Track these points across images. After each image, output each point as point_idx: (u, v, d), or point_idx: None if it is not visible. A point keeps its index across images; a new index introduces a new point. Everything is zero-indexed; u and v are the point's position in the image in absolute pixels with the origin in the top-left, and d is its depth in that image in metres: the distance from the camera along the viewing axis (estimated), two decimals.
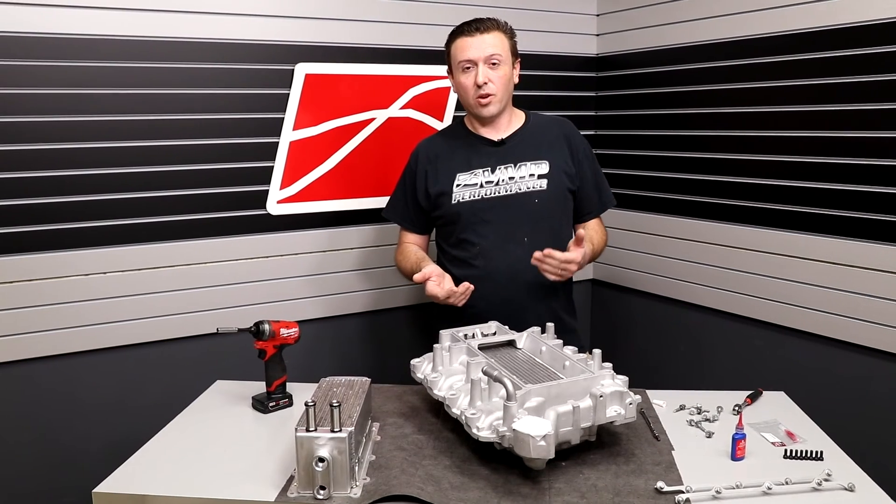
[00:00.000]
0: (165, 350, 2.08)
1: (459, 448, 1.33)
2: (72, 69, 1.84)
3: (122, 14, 1.87)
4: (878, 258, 1.86)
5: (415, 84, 2.32)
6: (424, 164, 1.86)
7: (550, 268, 1.65)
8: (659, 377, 2.52)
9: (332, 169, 2.24)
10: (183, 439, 1.43)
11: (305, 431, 1.15)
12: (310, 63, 2.14)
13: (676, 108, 2.39)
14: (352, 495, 1.17)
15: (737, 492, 1.17)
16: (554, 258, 1.62)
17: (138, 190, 1.97)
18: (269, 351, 1.56)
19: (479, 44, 1.72)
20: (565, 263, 1.64)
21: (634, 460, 1.29)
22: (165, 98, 1.96)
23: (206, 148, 2.04)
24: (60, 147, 1.86)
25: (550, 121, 1.90)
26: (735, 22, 2.15)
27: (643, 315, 2.64)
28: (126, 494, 1.21)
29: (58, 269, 1.90)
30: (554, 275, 1.66)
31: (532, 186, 1.79)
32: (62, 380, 1.97)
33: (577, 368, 1.34)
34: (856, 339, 1.94)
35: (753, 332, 2.22)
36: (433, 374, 1.42)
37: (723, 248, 2.27)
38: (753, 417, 1.47)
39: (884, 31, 1.79)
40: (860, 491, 1.19)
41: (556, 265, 1.64)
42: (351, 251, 2.32)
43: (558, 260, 1.63)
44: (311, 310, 2.26)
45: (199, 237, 2.07)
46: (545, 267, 1.65)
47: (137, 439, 1.41)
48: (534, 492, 1.18)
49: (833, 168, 1.94)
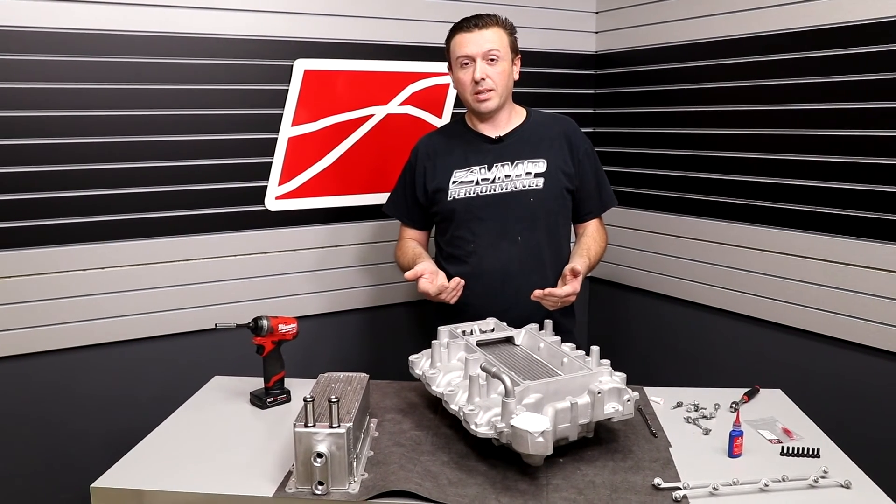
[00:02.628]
0: (164, 346, 2.08)
1: (457, 444, 1.33)
2: (69, 64, 1.83)
3: (121, 9, 1.87)
4: (874, 257, 1.87)
5: (413, 81, 2.32)
6: (423, 160, 1.86)
7: (551, 304, 1.67)
8: (657, 374, 2.53)
9: (331, 165, 2.24)
10: (181, 435, 1.43)
11: (304, 427, 1.15)
12: (309, 59, 2.14)
13: (675, 106, 2.39)
14: (350, 491, 1.17)
15: (734, 488, 1.17)
16: (554, 296, 1.64)
17: (136, 185, 1.97)
18: (267, 347, 1.56)
19: (478, 39, 1.72)
20: (566, 297, 1.66)
21: (632, 457, 1.29)
22: (164, 93, 1.96)
23: (205, 144, 2.03)
24: (58, 142, 1.85)
25: (551, 119, 1.90)
26: (734, 20, 2.15)
27: (641, 312, 2.64)
28: (124, 489, 1.21)
29: (55, 264, 1.90)
30: (556, 307, 1.69)
31: (528, 185, 1.79)
32: (60, 375, 1.97)
33: (576, 365, 1.35)
34: (853, 338, 1.95)
35: (751, 329, 2.23)
36: (431, 371, 1.42)
37: (720, 245, 2.28)
38: (750, 415, 1.47)
39: (884, 29, 1.79)
40: (856, 488, 1.19)
41: (556, 301, 1.66)
42: (349, 247, 2.32)
43: (558, 297, 1.64)
44: (309, 306, 2.26)
45: (198, 233, 2.07)
46: (545, 303, 1.67)
47: (136, 434, 1.41)
48: (531, 488, 1.18)
49: (833, 166, 1.94)
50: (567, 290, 1.65)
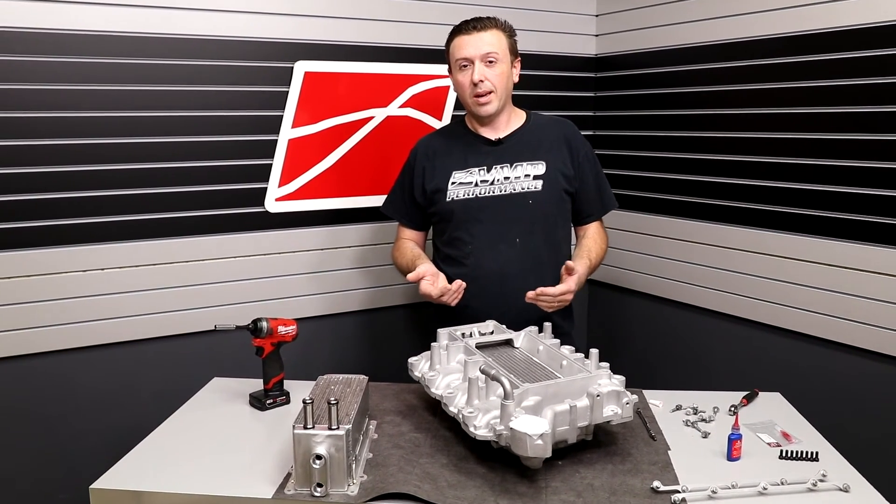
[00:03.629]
0: (163, 347, 2.08)
1: (456, 446, 1.33)
2: (70, 65, 1.84)
3: (123, 10, 1.87)
4: (875, 260, 1.87)
5: (414, 83, 2.32)
6: (423, 160, 1.86)
7: (546, 304, 1.65)
8: (656, 377, 2.53)
9: (331, 167, 2.24)
10: (180, 436, 1.43)
11: (303, 429, 1.15)
12: (309, 61, 2.14)
13: (674, 109, 2.39)
14: (349, 493, 1.17)
15: (732, 492, 1.17)
16: (548, 295, 1.63)
17: (137, 186, 1.97)
18: (266, 348, 1.56)
19: (477, 42, 1.72)
20: (560, 296, 1.65)
21: (631, 460, 1.29)
22: (165, 95, 1.96)
23: (205, 145, 2.04)
24: (59, 143, 1.86)
25: (551, 121, 1.90)
26: (734, 24, 2.15)
27: (640, 315, 2.64)
28: (123, 490, 1.21)
29: (56, 265, 1.90)
30: (552, 308, 1.67)
31: (527, 187, 1.79)
32: (60, 376, 1.97)
33: (575, 368, 1.35)
34: (852, 341, 1.95)
35: (750, 333, 2.23)
36: (431, 373, 1.42)
37: (720, 249, 2.28)
38: (749, 418, 1.47)
39: (881, 34, 1.79)
40: (855, 491, 1.19)
41: (550, 301, 1.65)
42: (349, 249, 2.32)
43: (552, 296, 1.63)
44: (309, 307, 2.26)
45: (197, 234, 2.07)
46: (540, 304, 1.65)
47: (135, 435, 1.41)
48: (530, 490, 1.18)
49: (832, 170, 1.95)
50: (561, 289, 1.64)
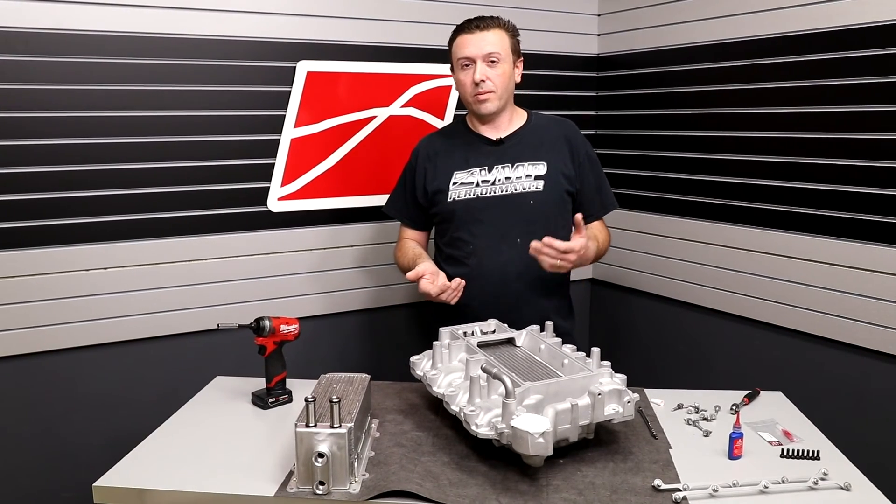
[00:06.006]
0: (166, 346, 2.09)
1: (458, 445, 1.34)
2: (73, 65, 1.84)
3: (125, 10, 1.88)
4: (880, 260, 1.87)
5: (416, 82, 2.32)
6: (424, 161, 1.87)
7: (548, 257, 1.61)
8: (657, 376, 2.53)
9: (333, 166, 2.25)
10: (183, 434, 1.43)
11: (305, 427, 1.16)
12: (312, 61, 2.14)
13: (677, 109, 2.39)
14: (351, 491, 1.17)
15: (733, 490, 1.17)
16: (553, 247, 1.59)
17: (139, 186, 1.97)
18: (269, 347, 1.57)
19: (478, 41, 1.72)
20: (565, 254, 1.61)
21: (632, 458, 1.29)
22: (167, 94, 1.97)
23: (208, 144, 2.04)
24: (61, 143, 1.86)
25: (552, 121, 1.90)
26: (736, 23, 2.15)
27: (642, 314, 2.64)
28: (126, 488, 1.22)
29: (58, 264, 1.91)
30: (551, 265, 1.62)
31: (528, 187, 1.79)
32: (63, 374, 1.97)
33: (576, 367, 1.35)
34: (854, 340, 1.95)
35: (752, 332, 2.23)
36: (432, 371, 1.43)
37: (721, 248, 2.28)
38: (751, 417, 1.47)
39: (881, 33, 1.79)
40: (856, 490, 1.19)
41: (554, 255, 1.60)
42: (351, 248, 2.32)
43: (557, 250, 1.59)
44: (311, 306, 2.27)
45: (200, 233, 2.08)
46: (542, 256, 1.61)
47: (138, 434, 1.41)
48: (532, 489, 1.18)
49: (833, 169, 1.95)
50: (567, 245, 1.59)
